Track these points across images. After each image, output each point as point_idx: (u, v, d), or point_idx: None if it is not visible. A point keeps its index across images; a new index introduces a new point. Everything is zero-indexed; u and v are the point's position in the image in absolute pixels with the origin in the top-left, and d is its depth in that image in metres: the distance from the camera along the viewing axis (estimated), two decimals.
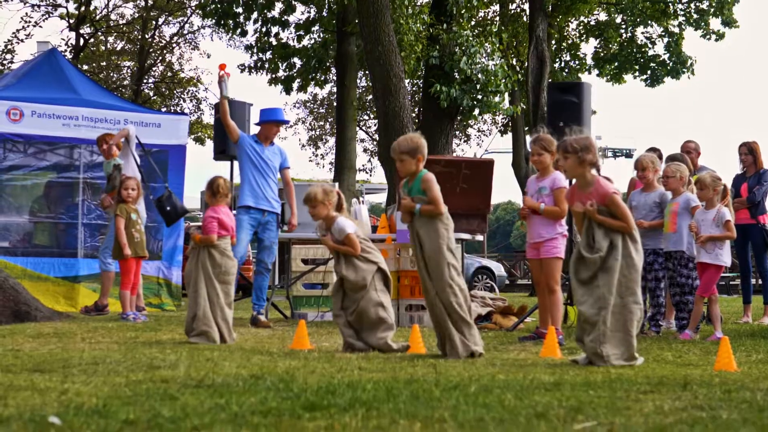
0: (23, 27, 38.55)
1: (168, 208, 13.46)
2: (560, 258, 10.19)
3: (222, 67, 12.88)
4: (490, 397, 5.57)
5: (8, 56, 37.97)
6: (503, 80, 25.80)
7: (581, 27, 36.22)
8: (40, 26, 37.57)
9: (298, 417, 4.82)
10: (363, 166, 48.74)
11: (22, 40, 38.45)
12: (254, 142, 12.79)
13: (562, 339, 9.85)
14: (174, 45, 44.57)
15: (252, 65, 31.67)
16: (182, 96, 44.65)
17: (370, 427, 4.57)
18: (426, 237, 8.34)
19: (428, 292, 8.38)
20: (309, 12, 31.76)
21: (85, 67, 41.26)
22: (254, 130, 13.53)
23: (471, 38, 25.88)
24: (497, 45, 27.87)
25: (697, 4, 34.24)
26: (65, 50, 38.99)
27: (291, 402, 5.26)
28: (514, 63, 32.54)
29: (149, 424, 4.56)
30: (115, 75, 44.98)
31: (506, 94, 27.79)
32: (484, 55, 26.40)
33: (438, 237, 8.30)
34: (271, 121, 12.99)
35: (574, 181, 8.19)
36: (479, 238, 14.25)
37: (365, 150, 49.42)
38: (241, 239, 12.15)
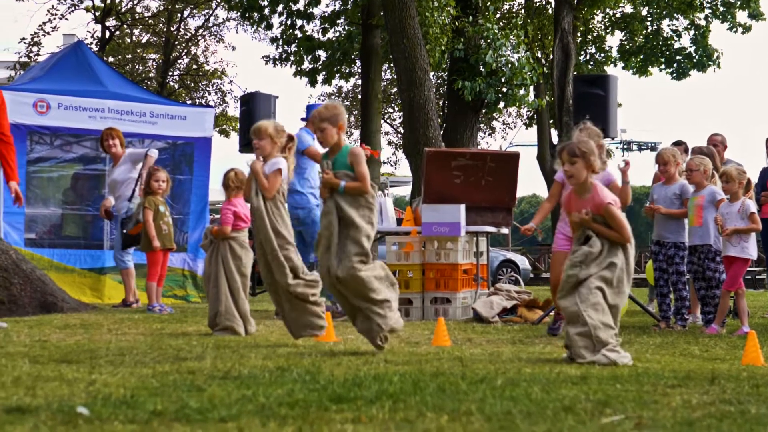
0: (49, 20, 38.65)
1: (125, 231, 13.35)
2: None
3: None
4: (516, 390, 5.56)
5: (35, 49, 38.08)
6: (528, 73, 25.74)
7: (607, 19, 36.10)
8: (66, 19, 37.68)
9: (325, 409, 4.83)
10: (387, 158, 48.78)
11: (48, 33, 38.56)
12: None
13: None
14: (199, 37, 44.64)
15: (277, 57, 31.65)
16: (207, 88, 44.74)
17: (397, 420, 4.57)
18: (352, 214, 7.73)
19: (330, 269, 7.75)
20: (334, 4, 31.76)
21: (111, 59, 41.35)
22: (282, 120, 13.50)
23: (496, 31, 25.82)
24: (522, 38, 27.81)
25: None
26: (91, 43, 39.10)
27: (318, 394, 5.27)
28: (540, 56, 32.48)
29: (177, 415, 4.58)
30: (140, 67, 45.08)
31: (531, 87, 27.72)
32: (509, 47, 26.34)
33: (365, 218, 7.77)
34: None
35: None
36: (504, 231, 14.23)
37: (390, 143, 49.43)
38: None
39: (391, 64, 31.34)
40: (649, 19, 35.45)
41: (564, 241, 9.86)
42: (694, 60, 34.76)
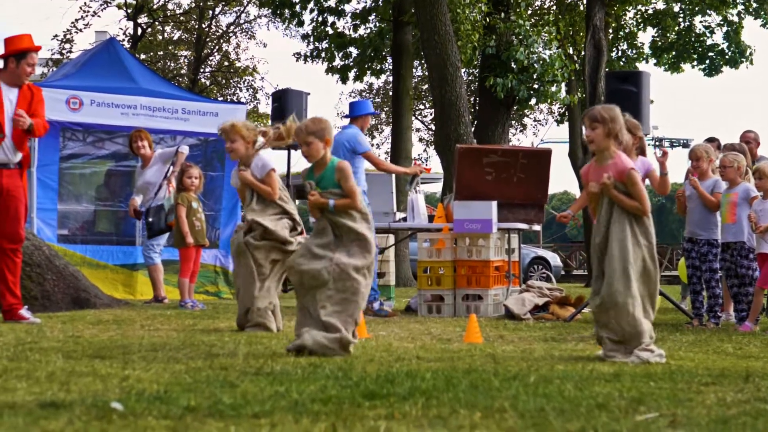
0: (82, 17, 38.76)
1: (150, 220, 13.35)
2: None
3: (416, 164, 13.12)
4: (549, 387, 5.55)
5: (67, 46, 38.22)
6: (560, 70, 25.67)
7: (639, 16, 35.89)
8: (99, 16, 37.87)
9: (358, 405, 4.83)
10: (418, 155, 48.68)
11: (80, 30, 38.67)
12: None
13: None
14: (230, 34, 44.68)
15: (308, 54, 31.68)
16: (238, 85, 44.79)
17: (430, 416, 4.57)
18: (349, 223, 7.46)
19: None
20: (365, 1, 31.75)
21: (143, 56, 41.47)
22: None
23: (528, 28, 25.76)
24: (554, 34, 27.72)
25: None
26: (123, 40, 39.22)
27: (350, 390, 5.27)
28: (571, 52, 32.35)
29: (210, 411, 4.59)
30: (172, 64, 45.18)
31: (563, 84, 27.64)
32: (541, 44, 26.27)
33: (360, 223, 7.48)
34: (372, 113, 13.19)
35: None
36: (536, 228, 14.19)
37: (421, 140, 49.34)
38: None
39: (423, 61, 31.32)
40: (681, 15, 35.24)
41: None
42: (727, 56, 34.53)
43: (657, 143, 66.94)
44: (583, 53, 28.93)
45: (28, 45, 10.06)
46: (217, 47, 44.47)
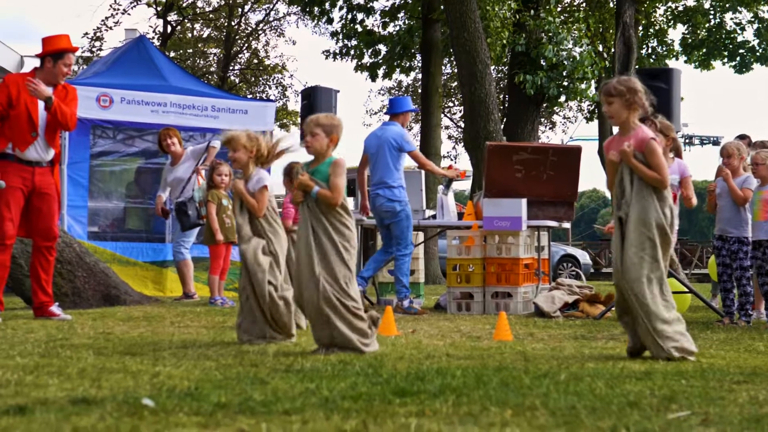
0: (112, 14, 38.97)
1: (189, 213, 13.37)
2: None
3: (452, 167, 13.20)
4: (580, 385, 5.53)
5: (97, 43, 38.43)
6: (590, 67, 25.59)
7: (669, 12, 35.76)
8: (129, 14, 37.98)
9: (389, 402, 4.83)
10: (448, 153, 48.59)
11: (110, 28, 38.87)
12: None
13: None
14: (260, 32, 44.77)
15: (337, 52, 31.71)
16: (267, 83, 44.87)
17: (461, 414, 4.56)
18: (322, 226, 7.35)
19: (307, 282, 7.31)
20: None
21: (172, 54, 41.60)
22: (344, 117, 13.58)
23: (558, 25, 25.69)
24: (584, 31, 27.64)
25: None
26: (153, 37, 39.35)
27: (381, 387, 5.27)
28: (601, 49, 32.26)
29: (241, 408, 4.59)
30: (201, 62, 45.32)
31: (593, 81, 27.55)
32: (571, 41, 26.20)
33: (338, 220, 7.35)
34: (413, 110, 13.39)
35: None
36: (566, 225, 14.16)
37: (450, 137, 49.28)
38: None
39: (452, 58, 31.28)
40: (712, 11, 35.08)
41: None
42: (758, 53, 34.35)
43: (687, 141, 66.76)
44: (612, 50, 28.84)
45: (66, 45, 10.11)
46: (246, 45, 44.56)
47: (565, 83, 25.93)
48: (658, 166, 7.14)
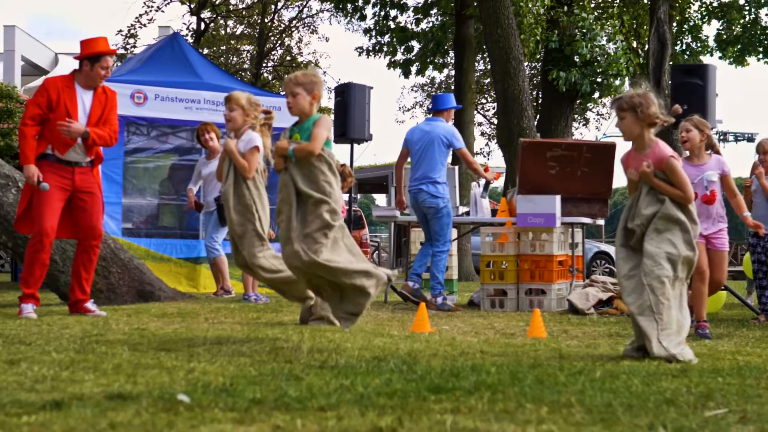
0: (146, 12, 39.13)
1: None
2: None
3: (487, 169, 13.20)
4: (616, 382, 5.50)
5: (131, 41, 38.57)
6: (624, 63, 25.50)
7: (703, 8, 35.58)
8: (162, 11, 38.20)
9: (424, 399, 4.81)
10: (481, 149, 48.60)
11: (144, 25, 39.03)
12: None
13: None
14: (293, 29, 44.84)
15: (370, 48, 31.75)
16: None
17: (497, 411, 4.54)
18: (305, 182, 7.18)
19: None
20: None
21: (206, 51, 41.71)
22: (377, 113, 13.59)
23: (591, 21, 25.61)
24: (618, 27, 27.54)
25: None
26: (186, 35, 39.48)
27: (416, 384, 5.25)
28: (635, 46, 32.13)
29: (276, 404, 4.59)
30: (234, 59, 45.41)
31: (627, 78, 27.45)
32: (605, 37, 26.11)
33: (318, 181, 7.16)
34: (456, 107, 13.45)
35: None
36: (600, 222, 14.10)
37: (483, 134, 49.26)
38: None
39: (485, 55, 31.24)
40: (747, 7, 34.87)
41: None
42: None
43: (721, 137, 66.39)
44: (647, 46, 28.72)
45: (102, 49, 10.15)
46: (279, 42, 44.65)
47: (599, 80, 25.84)
48: (680, 183, 7.04)
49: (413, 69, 31.40)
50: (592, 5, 29.45)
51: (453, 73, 32.79)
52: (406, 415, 4.36)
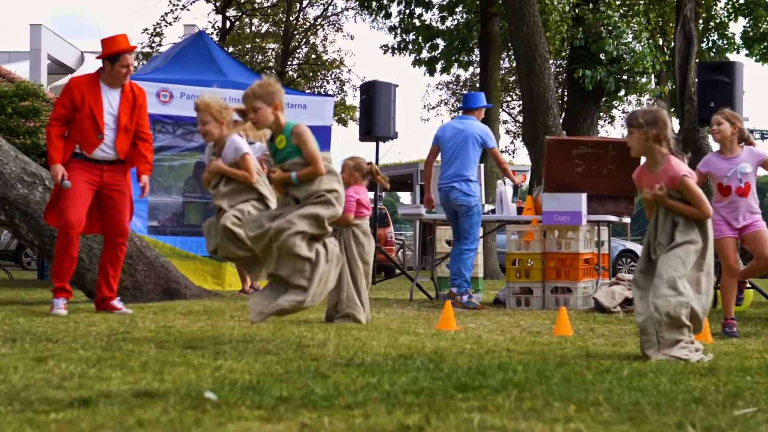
0: (171, 10, 39.21)
1: None
2: None
3: (515, 174, 13.24)
4: (644, 381, 5.48)
5: (157, 39, 38.66)
6: (650, 61, 25.42)
7: (730, 5, 35.44)
8: (188, 9, 38.20)
9: (451, 397, 4.81)
10: (506, 147, 48.63)
11: (170, 24, 39.10)
12: None
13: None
14: (318, 27, 44.87)
15: (395, 46, 31.72)
16: (326, 78, 44.95)
17: (524, 409, 4.52)
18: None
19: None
20: None
21: (231, 49, 41.78)
22: (402, 111, 13.59)
23: (617, 19, 25.53)
24: (644, 25, 27.45)
25: None
26: (212, 33, 39.54)
27: (442, 382, 5.24)
28: (661, 43, 32.03)
29: (303, 402, 4.59)
30: (259, 57, 45.47)
31: (653, 75, 27.37)
32: (631, 35, 26.03)
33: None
34: (487, 106, 13.42)
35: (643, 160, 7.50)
36: (626, 220, 14.05)
37: (508, 131, 49.22)
38: None
39: (510, 52, 31.21)
40: None
41: (725, 226, 9.41)
42: None
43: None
44: (673, 44, 28.63)
45: (120, 48, 10.15)
46: (304, 40, 44.67)
47: (625, 77, 25.77)
48: (696, 201, 6.90)
49: (438, 67, 31.35)
50: (618, 3, 29.35)
51: (478, 70, 32.70)
52: (433, 414, 4.35)
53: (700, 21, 32.77)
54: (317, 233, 7.03)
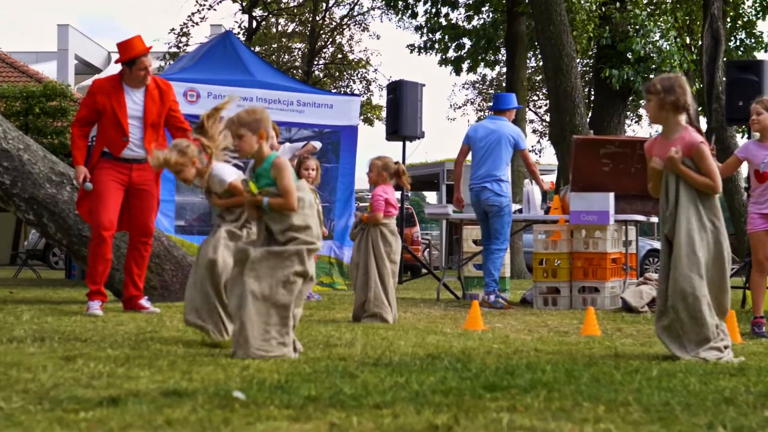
0: (198, 10, 39.30)
1: None
2: None
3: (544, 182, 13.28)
4: (673, 381, 5.46)
5: (184, 39, 38.74)
6: (678, 60, 25.33)
7: (757, 3, 35.26)
8: (214, 9, 38.25)
9: (479, 397, 4.79)
10: (532, 147, 48.43)
11: (196, 23, 39.19)
12: None
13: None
14: (344, 26, 44.87)
15: (422, 46, 31.67)
16: (352, 77, 44.96)
17: (553, 409, 4.51)
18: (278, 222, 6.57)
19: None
20: None
21: (257, 49, 41.83)
22: (428, 111, 13.57)
23: (645, 18, 25.45)
24: (671, 23, 27.35)
25: None
26: (238, 33, 39.60)
27: (471, 382, 5.24)
28: (688, 42, 31.92)
29: (331, 401, 4.59)
30: (286, 57, 45.52)
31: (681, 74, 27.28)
32: (658, 33, 25.94)
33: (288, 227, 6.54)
34: (518, 107, 13.45)
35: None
36: (653, 219, 13.99)
37: (534, 131, 49.10)
38: None
39: (537, 51, 31.10)
40: None
41: (759, 219, 9.28)
42: None
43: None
44: (700, 43, 28.53)
45: (136, 52, 10.08)
46: (330, 39, 44.68)
47: (652, 76, 25.68)
48: (709, 172, 6.73)
49: (464, 66, 31.30)
50: (645, 1, 29.25)
51: (504, 70, 32.65)
52: (462, 413, 4.34)
53: (728, 19, 32.61)
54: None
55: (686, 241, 6.72)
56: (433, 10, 30.65)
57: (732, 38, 34.21)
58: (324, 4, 43.20)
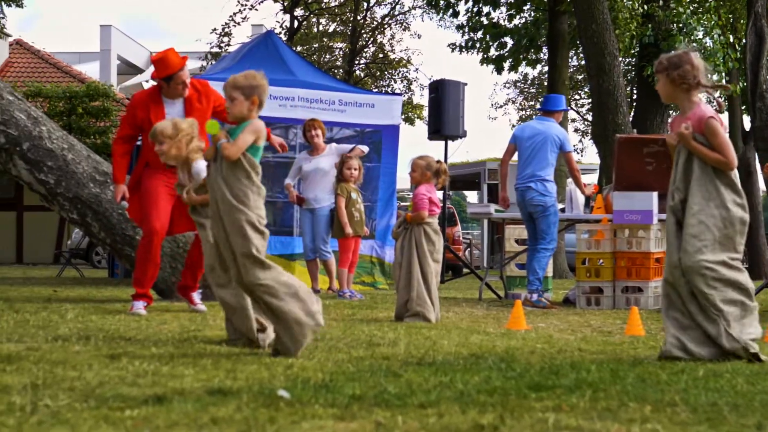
0: (239, 10, 39.44)
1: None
2: None
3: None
4: (720, 381, 5.41)
5: (225, 39, 38.88)
6: (721, 58, 25.16)
7: None
8: (256, 9, 38.36)
9: (524, 397, 4.77)
10: (574, 146, 48.31)
11: (238, 23, 39.33)
12: None
13: None
14: (385, 26, 44.90)
15: (463, 45, 31.62)
16: (393, 77, 44.98)
17: (599, 409, 4.48)
18: (225, 186, 6.36)
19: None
20: None
21: (299, 48, 41.93)
22: (470, 110, 13.55)
23: (688, 16, 25.31)
24: (715, 21, 27.17)
25: None
26: (279, 32, 39.70)
27: (515, 382, 5.21)
28: (732, 40, 31.69)
29: (376, 400, 4.58)
30: (327, 56, 45.61)
31: (723, 73, 27.07)
32: (701, 31, 25.78)
33: (237, 186, 6.36)
34: (566, 110, 13.27)
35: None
36: None
37: (576, 130, 49.01)
38: None
39: (579, 50, 30.99)
40: None
41: None
42: None
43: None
44: (744, 41, 28.33)
45: (172, 69, 10.06)
46: (371, 39, 44.72)
47: None
48: (720, 146, 6.51)
49: (506, 65, 31.23)
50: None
51: (546, 69, 32.56)
52: (507, 413, 4.32)
53: None
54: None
55: (697, 218, 6.53)
56: (475, 9, 30.58)
57: None
58: (365, 4, 43.27)
